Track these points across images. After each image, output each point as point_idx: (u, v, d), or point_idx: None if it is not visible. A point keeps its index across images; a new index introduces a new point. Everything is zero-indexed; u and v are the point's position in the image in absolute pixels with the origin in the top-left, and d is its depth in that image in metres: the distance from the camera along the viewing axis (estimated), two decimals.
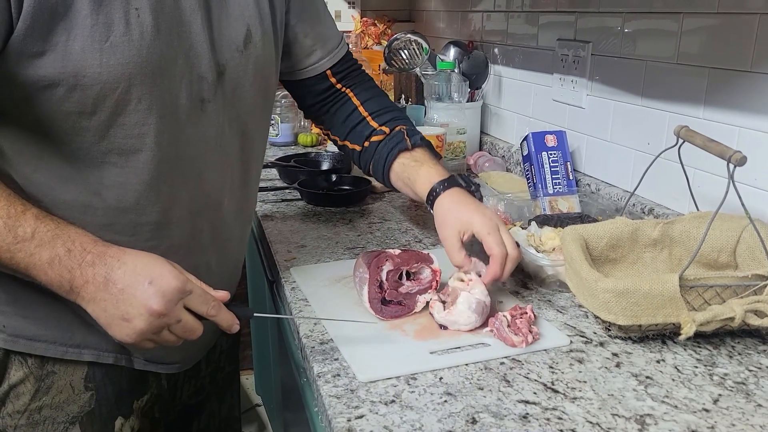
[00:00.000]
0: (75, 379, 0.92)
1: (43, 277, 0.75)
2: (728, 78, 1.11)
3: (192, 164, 0.88)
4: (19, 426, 0.91)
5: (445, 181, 1.04)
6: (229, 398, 1.22)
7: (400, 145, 1.10)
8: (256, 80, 0.94)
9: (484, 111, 1.95)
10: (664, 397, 0.77)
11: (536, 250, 1.08)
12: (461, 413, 0.74)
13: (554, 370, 0.83)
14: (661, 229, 1.01)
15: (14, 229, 0.73)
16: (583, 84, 1.49)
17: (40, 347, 0.88)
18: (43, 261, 0.74)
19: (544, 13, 1.64)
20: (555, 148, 1.40)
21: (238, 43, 0.90)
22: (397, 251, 0.98)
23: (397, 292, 0.96)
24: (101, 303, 0.75)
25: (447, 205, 1.02)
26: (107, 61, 0.76)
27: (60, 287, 0.76)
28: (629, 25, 1.33)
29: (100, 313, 0.76)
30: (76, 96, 0.76)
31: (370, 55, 2.28)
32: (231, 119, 0.92)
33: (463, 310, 0.89)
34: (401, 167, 1.09)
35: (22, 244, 0.73)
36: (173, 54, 0.82)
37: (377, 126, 1.13)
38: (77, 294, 0.76)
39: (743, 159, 0.85)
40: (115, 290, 0.75)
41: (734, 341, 0.90)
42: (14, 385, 0.90)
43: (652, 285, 0.84)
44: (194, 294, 0.78)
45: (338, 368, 0.83)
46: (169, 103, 0.83)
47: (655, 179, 1.20)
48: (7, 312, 0.87)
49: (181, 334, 0.78)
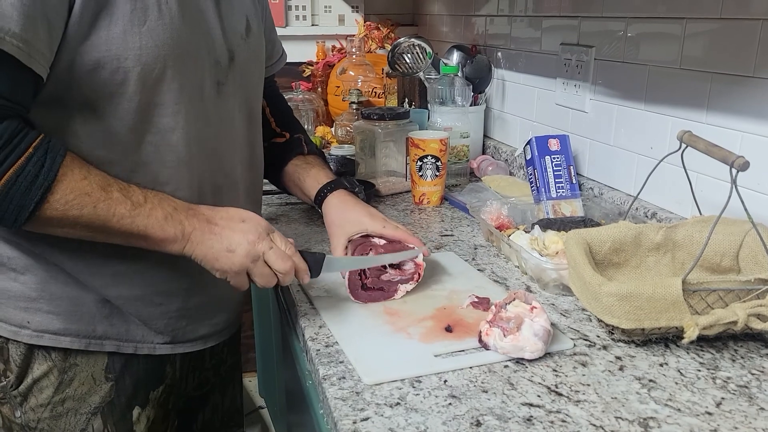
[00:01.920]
0: (96, 370, 0.96)
1: (160, 234, 0.85)
2: (731, 83, 1.12)
3: (213, 143, 0.96)
4: (42, 419, 0.96)
5: (332, 183, 1.14)
6: (231, 391, 1.27)
7: (297, 149, 1.20)
8: (256, 67, 1.05)
9: (488, 115, 1.95)
10: (667, 400, 0.78)
11: (540, 254, 1.09)
12: (465, 416, 0.75)
13: (558, 374, 0.83)
14: (664, 233, 1.01)
15: (130, 197, 0.83)
16: (586, 88, 1.49)
17: (64, 341, 0.93)
18: (160, 219, 0.85)
19: (547, 17, 1.65)
20: (558, 152, 1.40)
21: (241, 32, 1.00)
22: (383, 242, 1.05)
23: (378, 279, 1.02)
24: (208, 242, 0.87)
25: (336, 205, 1.11)
26: (145, 43, 0.83)
27: (174, 239, 0.86)
28: (632, 30, 1.34)
29: (207, 251, 0.87)
30: (119, 77, 0.83)
31: (374, 59, 2.29)
32: (240, 102, 1.01)
33: (529, 336, 0.85)
34: (293, 168, 1.19)
35: (139, 208, 0.84)
36: (196, 39, 0.90)
37: (279, 131, 1.23)
38: (188, 239, 0.87)
39: (746, 164, 0.86)
40: (217, 230, 0.88)
41: (737, 345, 0.90)
42: (38, 379, 0.94)
43: (656, 289, 0.84)
44: (276, 234, 0.92)
45: (343, 371, 0.84)
46: (195, 85, 0.91)
47: (659, 183, 1.21)
48: (32, 308, 0.91)
49: (274, 260, 0.89)
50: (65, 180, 0.78)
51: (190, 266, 0.90)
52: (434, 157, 1.47)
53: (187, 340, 1.03)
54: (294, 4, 2.38)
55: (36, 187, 0.76)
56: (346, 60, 2.29)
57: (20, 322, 0.92)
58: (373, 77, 2.21)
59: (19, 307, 0.91)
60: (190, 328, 1.02)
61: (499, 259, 1.21)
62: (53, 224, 0.81)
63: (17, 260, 0.90)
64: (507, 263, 1.20)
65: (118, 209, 0.82)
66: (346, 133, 2.03)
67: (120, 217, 0.82)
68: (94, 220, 0.81)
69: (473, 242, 1.30)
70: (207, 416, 1.22)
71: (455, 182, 1.69)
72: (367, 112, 1.62)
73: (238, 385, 1.30)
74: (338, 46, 2.46)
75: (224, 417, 1.25)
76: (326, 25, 2.44)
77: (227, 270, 0.88)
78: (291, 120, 1.27)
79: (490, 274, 1.15)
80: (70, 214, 0.79)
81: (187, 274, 0.97)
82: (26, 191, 0.76)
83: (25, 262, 0.90)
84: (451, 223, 1.42)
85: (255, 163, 1.08)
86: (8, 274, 0.90)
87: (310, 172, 1.17)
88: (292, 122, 1.26)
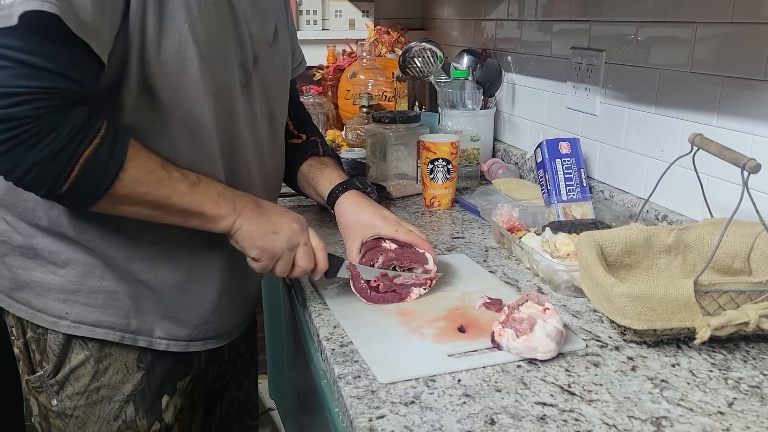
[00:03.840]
0: (129, 360, 1.00)
1: (215, 210, 0.90)
2: (742, 86, 1.12)
3: (236, 141, 0.99)
4: (78, 407, 0.99)
5: (344, 184, 1.15)
6: (247, 384, 1.31)
7: (312, 150, 1.22)
8: (279, 72, 1.08)
9: (498, 118, 1.96)
10: (679, 400, 0.79)
11: (551, 256, 1.10)
12: (480, 414, 0.76)
13: (570, 373, 0.84)
14: (676, 235, 1.02)
15: (187, 176, 0.88)
16: (596, 92, 1.50)
17: (100, 332, 0.96)
18: (214, 195, 0.90)
19: (557, 21, 1.66)
20: (569, 155, 1.41)
21: (268, 38, 1.03)
22: (393, 246, 1.06)
23: (391, 282, 1.03)
24: (256, 220, 0.93)
25: (348, 207, 1.12)
26: (185, 40, 0.86)
27: (227, 215, 0.91)
28: (643, 34, 1.35)
29: (254, 228, 0.93)
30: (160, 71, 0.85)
31: (384, 63, 2.30)
32: (261, 104, 1.03)
33: (542, 337, 0.86)
34: (308, 168, 1.21)
35: (196, 186, 0.88)
36: (227, 39, 0.94)
37: (296, 132, 1.25)
38: (239, 214, 0.92)
39: (758, 166, 0.87)
40: (266, 211, 0.95)
41: (749, 346, 0.91)
42: (75, 367, 0.98)
43: (667, 290, 0.85)
44: (312, 232, 0.99)
45: (359, 370, 0.85)
46: (225, 83, 0.94)
47: (669, 186, 1.21)
48: (70, 300, 0.95)
49: (302, 257, 0.97)
50: (134, 159, 0.82)
51: (225, 258, 0.96)
52: (445, 160, 1.48)
53: (214, 336, 1.06)
54: (305, 9, 2.40)
55: (111, 165, 0.80)
56: (356, 64, 2.30)
57: (59, 313, 0.95)
58: (383, 81, 2.23)
59: (58, 299, 0.95)
60: (219, 323, 1.05)
61: (511, 261, 1.22)
62: (123, 201, 0.84)
63: (58, 254, 0.93)
64: (518, 265, 1.21)
65: (179, 186, 0.86)
66: (356, 137, 2.04)
67: (181, 193, 0.86)
68: (158, 197, 0.85)
69: (484, 244, 1.31)
70: (224, 409, 1.25)
71: (466, 185, 1.70)
72: (379, 115, 1.64)
73: (253, 379, 1.33)
74: (348, 50, 2.48)
75: (240, 410, 1.28)
76: (337, 30, 2.46)
77: (267, 249, 0.94)
78: (308, 124, 1.29)
79: (501, 275, 1.16)
80: (138, 190, 0.83)
81: (222, 268, 1.01)
82: (102, 169, 0.80)
83: (66, 256, 0.93)
84: (462, 225, 1.43)
85: (275, 166, 1.11)
86: (49, 267, 0.94)
87: (323, 172, 1.18)
88: (310, 126, 1.28)
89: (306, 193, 1.24)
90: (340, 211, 1.13)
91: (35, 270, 0.94)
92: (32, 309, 0.96)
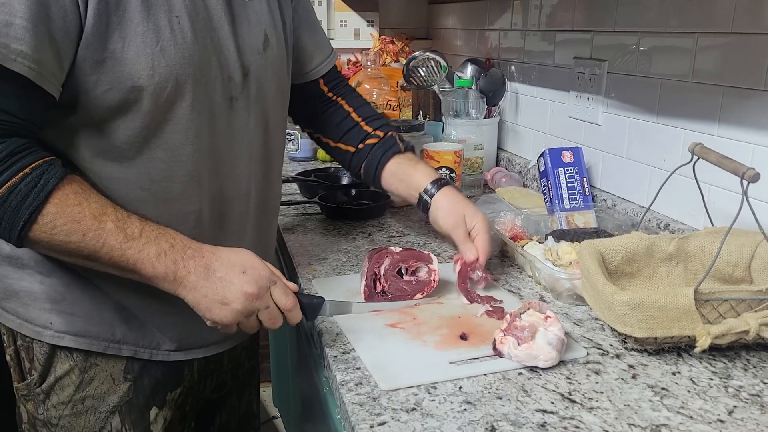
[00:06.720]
0: (115, 371, 0.98)
1: (150, 270, 0.83)
2: (742, 96, 1.13)
3: (224, 157, 0.97)
4: (63, 416, 0.99)
5: (441, 179, 1.19)
6: (248, 395, 1.29)
7: (394, 148, 1.23)
8: (274, 80, 1.04)
9: (501, 127, 1.98)
10: (679, 408, 0.79)
11: (553, 264, 1.10)
12: (480, 421, 0.76)
13: (571, 381, 0.85)
14: (677, 243, 1.02)
15: (124, 230, 0.82)
16: (599, 101, 1.51)
17: (84, 342, 0.96)
18: (151, 255, 0.83)
19: (560, 31, 1.67)
20: (571, 164, 1.42)
21: (258, 47, 1.00)
22: (398, 249, 1.08)
23: (396, 285, 1.06)
24: (202, 290, 0.85)
25: (452, 197, 1.16)
26: (158, 63, 0.84)
27: (165, 278, 0.84)
28: (645, 44, 1.36)
29: (200, 299, 0.85)
30: (132, 97, 0.84)
31: (389, 72, 2.32)
32: (255, 116, 1.01)
33: (543, 345, 0.87)
34: (397, 166, 1.22)
35: (132, 242, 0.82)
36: (208, 56, 0.91)
37: (371, 130, 1.25)
38: (179, 283, 0.84)
39: (757, 175, 0.87)
40: (214, 278, 0.85)
41: (749, 354, 0.91)
42: (60, 377, 0.97)
43: (668, 298, 0.86)
44: (278, 285, 0.88)
45: (360, 377, 0.85)
46: (207, 101, 0.92)
47: (671, 195, 1.22)
48: (55, 310, 0.94)
49: (266, 319, 0.88)
50: (57, 204, 0.79)
51: None
52: (449, 168, 1.49)
53: (200, 345, 1.04)
54: None
55: (25, 207, 0.77)
56: (361, 73, 2.32)
57: (44, 322, 0.95)
58: (388, 90, 2.24)
59: (44, 308, 0.94)
60: (203, 335, 1.03)
61: (513, 269, 1.23)
62: (42, 246, 0.82)
63: (44, 263, 0.93)
64: (521, 273, 1.21)
65: (109, 240, 0.81)
66: None
67: (110, 248, 0.81)
68: (82, 249, 0.81)
69: None
70: (224, 419, 1.24)
71: (469, 194, 1.70)
72: None
73: (254, 390, 1.32)
74: (354, 60, 2.50)
75: (240, 421, 1.27)
76: (342, 39, 2.48)
77: (218, 321, 0.86)
78: (376, 115, 1.29)
79: (504, 283, 1.16)
80: (57, 239, 0.80)
81: None
82: (15, 210, 0.77)
83: (51, 265, 0.93)
84: None
85: (270, 174, 1.09)
86: (35, 276, 0.94)
87: (417, 167, 1.22)
88: (379, 117, 1.29)
89: (392, 188, 1.25)
90: (444, 202, 1.17)
91: (23, 279, 0.94)
92: (20, 318, 0.96)
